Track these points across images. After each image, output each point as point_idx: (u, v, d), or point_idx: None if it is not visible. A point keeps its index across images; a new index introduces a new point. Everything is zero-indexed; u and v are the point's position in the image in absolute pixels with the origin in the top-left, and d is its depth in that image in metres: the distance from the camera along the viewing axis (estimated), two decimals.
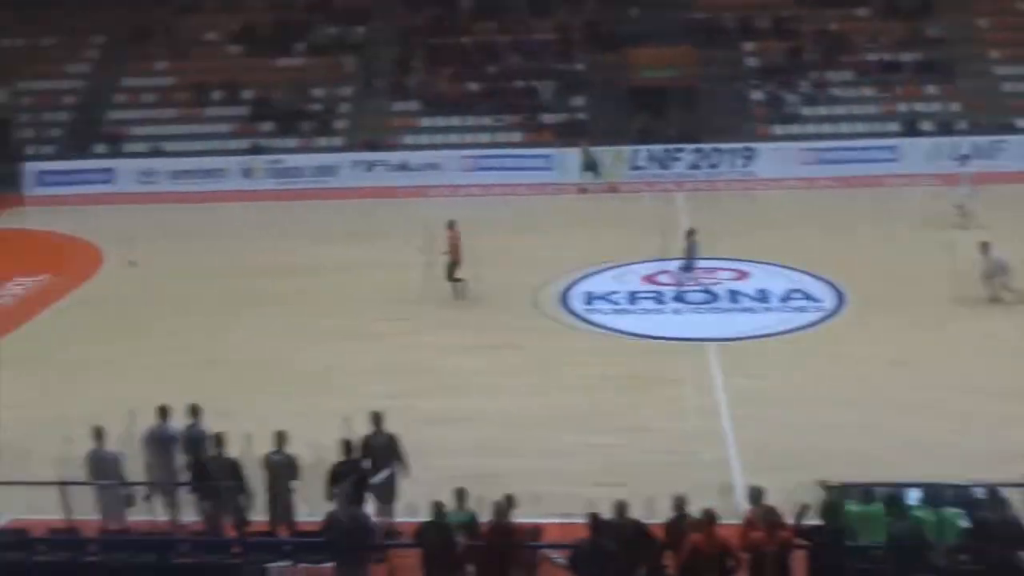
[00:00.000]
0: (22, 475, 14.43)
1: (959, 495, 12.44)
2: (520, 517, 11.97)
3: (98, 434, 13.75)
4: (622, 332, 21.47)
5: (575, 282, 24.20)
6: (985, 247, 21.70)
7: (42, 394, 19.26)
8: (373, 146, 36.21)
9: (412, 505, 13.40)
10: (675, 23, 38.51)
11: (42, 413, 18.12)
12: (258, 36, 39.91)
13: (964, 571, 11.38)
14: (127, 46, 40.79)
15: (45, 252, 29.43)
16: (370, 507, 13.36)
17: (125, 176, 36.01)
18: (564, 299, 23.30)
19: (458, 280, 23.28)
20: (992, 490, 11.84)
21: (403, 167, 35.42)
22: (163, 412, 14.20)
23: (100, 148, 37.40)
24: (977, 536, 11.49)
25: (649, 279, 24.34)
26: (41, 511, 13.56)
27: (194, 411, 14.21)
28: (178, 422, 14.26)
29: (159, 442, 14.03)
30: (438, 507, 11.85)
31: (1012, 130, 34.36)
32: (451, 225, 23.55)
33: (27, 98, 39.36)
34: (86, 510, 13.59)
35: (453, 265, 23.27)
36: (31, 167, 36.49)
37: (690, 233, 23.59)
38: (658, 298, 23.21)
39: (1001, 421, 16.63)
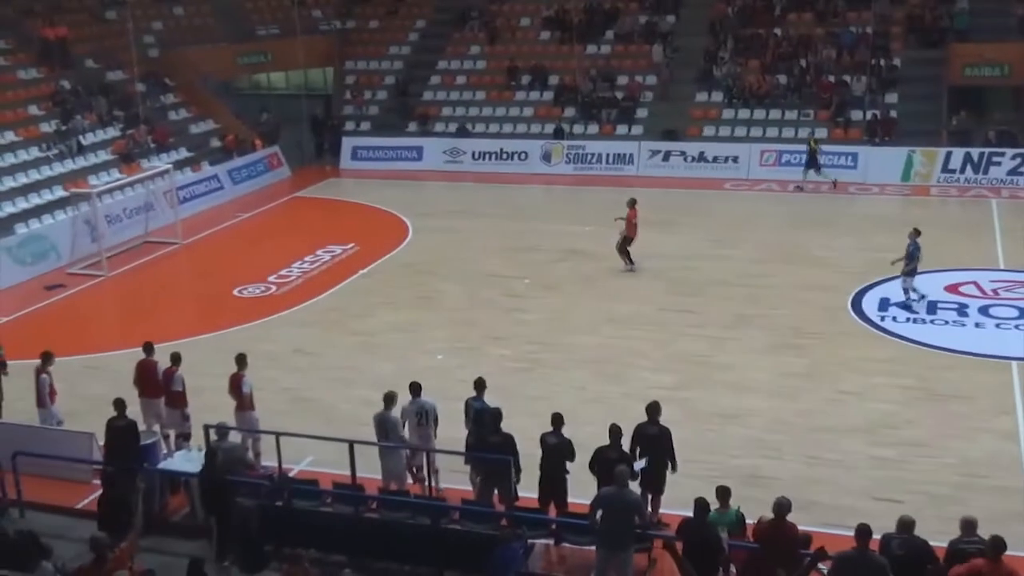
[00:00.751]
0: (322, 429, 15.63)
1: None
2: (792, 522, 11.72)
3: (388, 399, 14.56)
4: (916, 342, 20.41)
5: (870, 287, 23.26)
6: None
7: (343, 355, 20.66)
8: (673, 135, 36.13)
9: (680, 499, 13.38)
10: (1007, 18, 36.01)
11: (343, 374, 19.48)
12: (569, 23, 40.69)
13: None
14: (445, 30, 42.77)
15: (355, 221, 31.35)
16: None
17: (432, 154, 37.77)
18: (858, 304, 22.45)
19: (628, 255, 24.99)
20: None
21: (700, 158, 35.17)
22: (415, 389, 14.77)
23: (412, 126, 39.37)
24: None
25: (952, 289, 23.02)
26: (333, 465, 14.53)
27: (479, 385, 14.76)
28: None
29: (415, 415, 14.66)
30: (702, 503, 11.76)
31: None
32: (631, 204, 25.05)
33: (351, 76, 42.06)
34: (375, 469, 14.46)
35: (627, 240, 24.90)
36: (348, 142, 38.99)
37: (914, 233, 21.93)
38: (960, 310, 21.91)
39: None
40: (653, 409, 13.87)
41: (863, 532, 10.80)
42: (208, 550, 13.03)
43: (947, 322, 21.32)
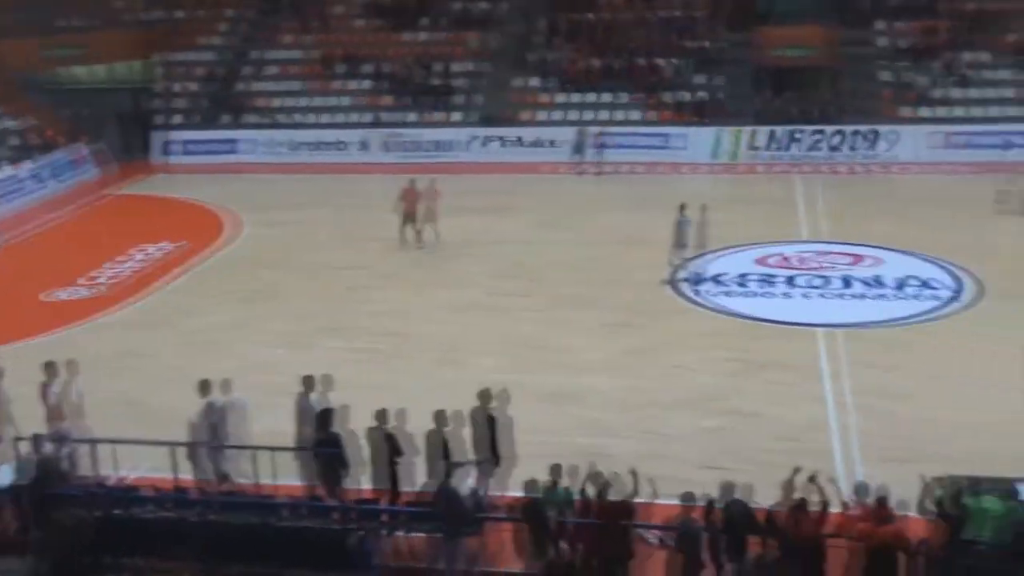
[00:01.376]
0: (147, 433, 15.07)
1: None
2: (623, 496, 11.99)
3: (203, 385, 14.21)
4: (732, 314, 21.26)
5: (696, 263, 23.99)
6: None
7: (169, 355, 20.03)
8: (493, 121, 36.40)
9: (515, 480, 13.50)
10: (818, 2, 37.67)
11: (166, 374, 18.89)
12: (385, 10, 40.44)
13: None
14: (258, 18, 41.90)
15: (169, 219, 30.45)
16: (469, 480, 13.54)
17: (249, 146, 37.02)
18: (688, 279, 23.11)
19: (406, 233, 25.60)
20: None
21: (525, 142, 35.55)
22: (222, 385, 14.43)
23: (226, 119, 38.45)
24: None
25: (775, 261, 24.01)
26: (167, 469, 14.03)
27: (307, 383, 14.51)
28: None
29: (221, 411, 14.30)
30: (533, 484, 11.98)
31: None
32: (411, 182, 25.73)
33: (161, 69, 40.72)
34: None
35: (407, 218, 25.56)
36: (159, 136, 37.81)
37: (681, 208, 22.98)
38: (775, 281, 22.87)
39: None
40: (483, 396, 13.97)
41: (687, 499, 11.38)
42: (29, 566, 12.46)
43: (772, 294, 22.23)
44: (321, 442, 13.58)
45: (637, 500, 11.84)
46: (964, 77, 35.00)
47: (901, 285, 22.27)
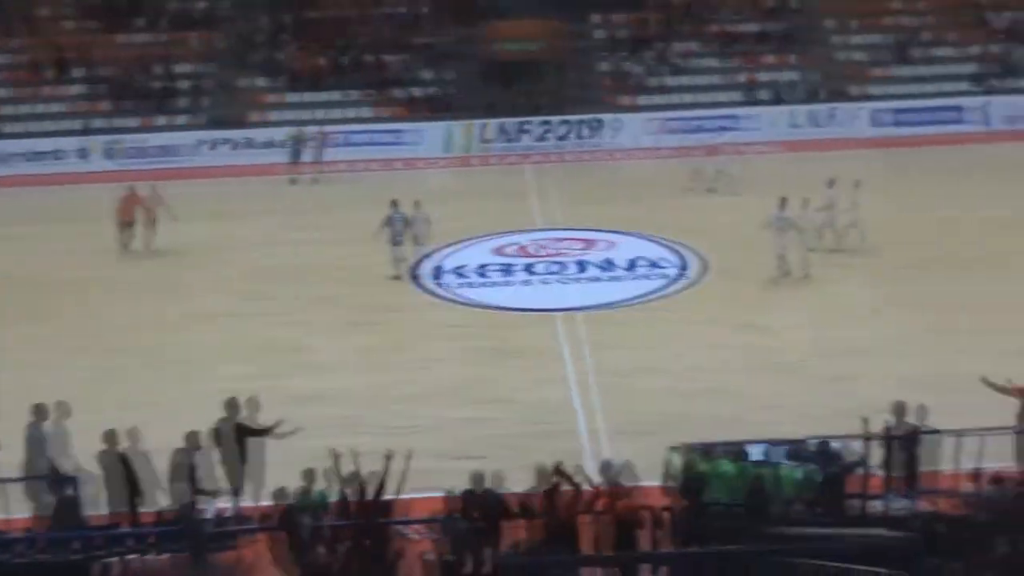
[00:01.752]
0: None
1: (799, 449, 12.85)
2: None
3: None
4: (474, 304, 21.68)
5: (440, 256, 24.19)
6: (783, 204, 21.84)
7: None
8: (221, 124, 35.42)
9: (271, 490, 13.18)
10: None
11: None
12: (97, 11, 38.54)
13: (816, 521, 11.81)
14: None
15: None
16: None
17: None
18: (429, 273, 23.25)
19: (125, 241, 24.93)
20: (828, 443, 12.37)
21: (251, 145, 34.75)
22: None
23: None
24: (828, 488, 11.95)
25: (513, 250, 24.51)
26: None
27: (38, 411, 13.65)
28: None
29: None
30: (283, 492, 11.77)
31: (858, 98, 35.53)
32: (130, 189, 25.31)
33: None
34: None
35: (125, 226, 24.91)
36: None
37: (393, 204, 22.99)
38: (515, 270, 23.37)
39: (849, 377, 17.31)
40: (230, 406, 13.60)
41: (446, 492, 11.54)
42: None
43: (512, 283, 22.74)
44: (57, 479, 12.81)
45: (396, 496, 11.81)
46: (676, 66, 36.83)
47: (632, 266, 23.22)
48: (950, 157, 31.71)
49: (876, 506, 12.25)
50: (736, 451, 12.22)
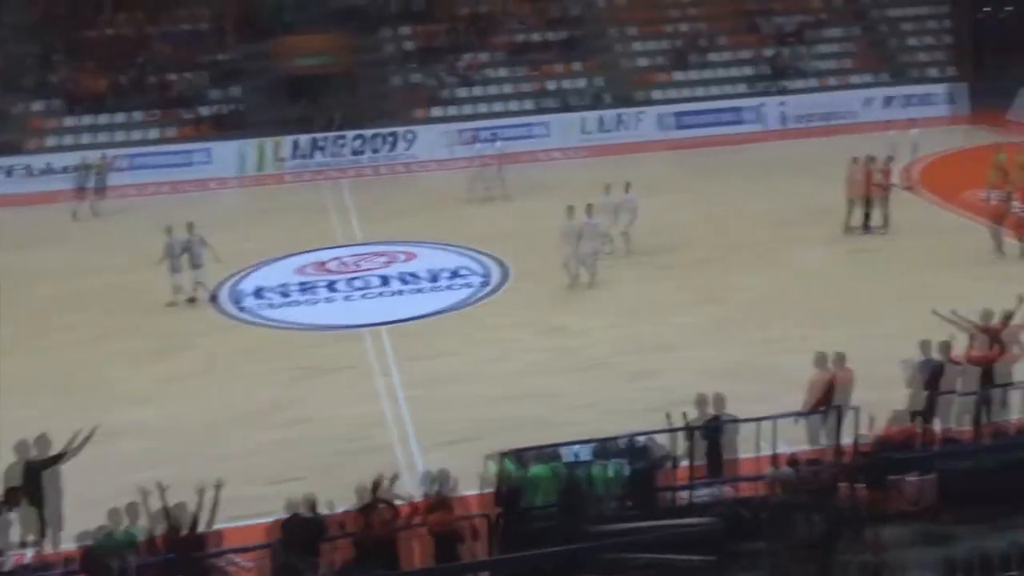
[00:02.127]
0: None
1: (613, 447, 13.24)
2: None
3: None
4: (288, 324, 21.29)
5: (239, 278, 23.70)
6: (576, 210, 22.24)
7: None
8: (6, 149, 33.71)
9: (72, 531, 12.64)
10: (327, 9, 38.34)
11: None
12: None
13: (629, 516, 12.18)
14: None
15: None
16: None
17: None
18: (228, 296, 22.77)
19: None
20: (640, 439, 12.79)
21: (31, 172, 33.22)
22: None
23: None
24: (639, 483, 12.33)
25: (314, 268, 24.24)
26: None
27: None
28: None
29: None
30: (86, 534, 11.32)
31: (640, 102, 36.75)
32: None
33: None
34: None
35: None
36: None
37: (168, 231, 22.42)
38: (322, 287, 23.13)
39: (652, 372, 17.92)
40: (20, 448, 13.02)
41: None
42: None
43: (316, 301, 22.44)
44: None
45: (209, 529, 11.52)
46: (467, 77, 37.22)
47: (435, 277, 23.32)
48: (731, 156, 33.19)
49: (685, 496, 12.71)
50: (550, 453, 12.46)
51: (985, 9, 39.87)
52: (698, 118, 36.26)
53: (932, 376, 14.74)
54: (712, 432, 13.47)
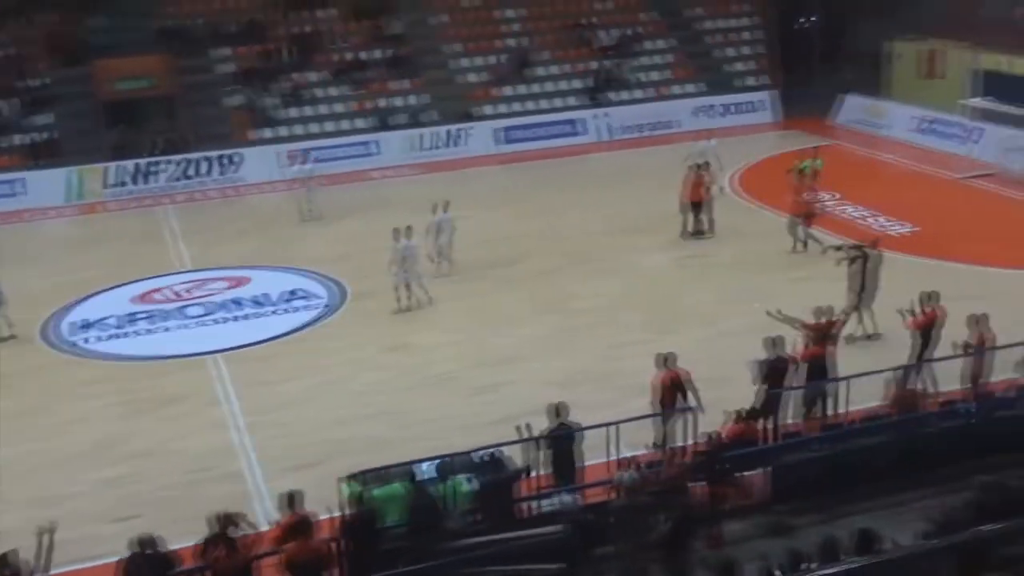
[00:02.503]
0: None
1: (466, 462, 13.33)
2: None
3: None
4: (120, 357, 20.61)
5: (65, 311, 22.82)
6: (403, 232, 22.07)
7: None
8: None
9: None
10: (143, 32, 37.27)
11: None
12: None
13: (481, 530, 12.26)
14: None
15: None
16: None
17: None
18: (54, 330, 21.90)
19: None
20: (493, 453, 12.89)
21: None
22: None
23: None
24: (488, 496, 12.43)
25: (146, 298, 23.53)
26: None
27: None
28: None
29: None
30: None
31: (472, 118, 37.06)
32: None
33: None
34: None
35: None
36: None
37: None
38: (155, 317, 22.46)
39: (500, 385, 18.09)
40: None
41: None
42: None
43: (148, 331, 21.77)
44: None
45: (47, 573, 11.06)
46: (300, 97, 36.81)
47: (271, 301, 22.94)
48: (562, 168, 33.74)
49: (540, 506, 12.88)
50: (405, 471, 12.44)
51: (802, 20, 41.69)
52: (527, 132, 36.73)
53: (771, 373, 15.35)
54: (559, 441, 13.68)
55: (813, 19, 41.33)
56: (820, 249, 22.34)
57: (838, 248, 20.22)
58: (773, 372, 15.37)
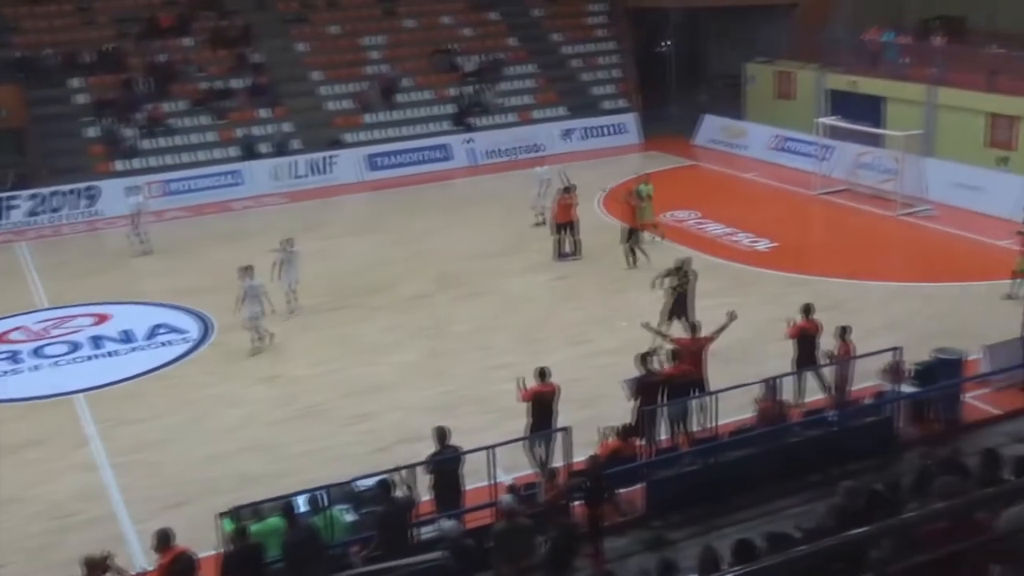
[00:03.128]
0: None
1: (345, 492, 13.18)
2: None
3: None
4: None
5: None
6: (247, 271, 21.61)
7: None
8: None
9: None
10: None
11: None
12: None
13: (374, 558, 12.14)
14: None
15: None
16: None
17: None
18: None
19: None
20: (380, 481, 12.78)
21: None
22: None
23: None
24: (382, 524, 12.31)
25: (0, 338, 22.65)
26: None
27: None
28: None
29: None
30: None
31: (340, 145, 36.79)
32: None
33: None
34: None
35: None
36: None
37: None
38: (13, 357, 21.62)
39: (372, 414, 17.95)
40: None
41: None
42: None
43: (5, 373, 20.93)
44: None
45: None
46: (167, 127, 35.95)
47: (133, 338, 22.31)
48: (428, 194, 33.73)
49: (426, 532, 12.80)
50: (284, 504, 12.22)
51: (665, 43, 42.65)
52: (394, 158, 36.64)
53: (643, 389, 15.59)
54: (438, 466, 13.63)
55: (668, 43, 42.35)
56: (626, 264, 23.98)
57: (667, 274, 20.43)
58: (644, 388, 15.62)
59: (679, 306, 19.81)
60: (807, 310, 17.38)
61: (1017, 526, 7.69)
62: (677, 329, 18.68)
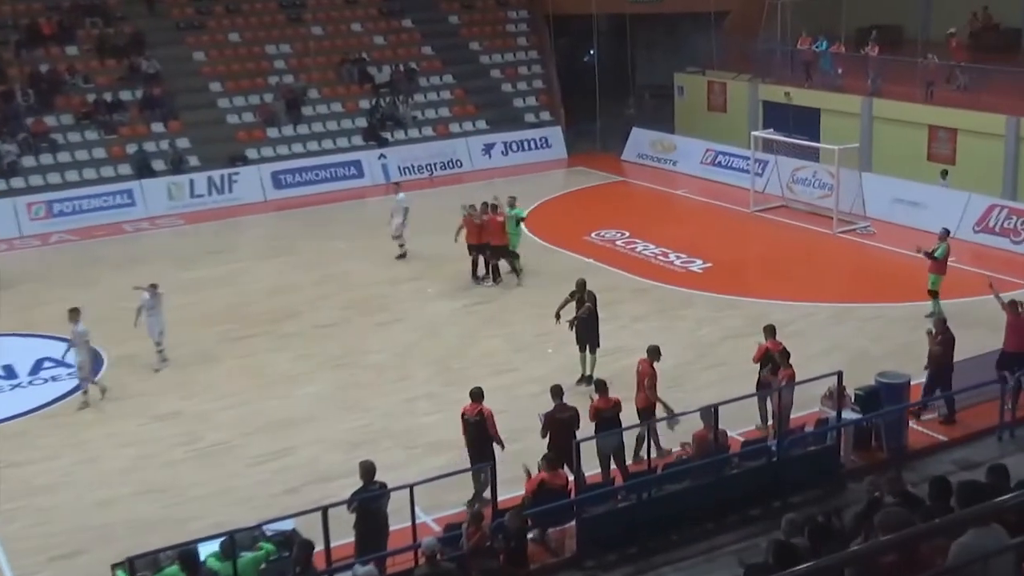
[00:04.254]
0: None
1: (254, 537, 13.02)
2: None
3: None
4: None
5: None
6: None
7: None
8: None
9: None
10: None
11: None
12: None
13: None
14: None
15: None
16: None
17: None
18: None
19: None
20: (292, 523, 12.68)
21: None
22: None
23: None
24: (293, 568, 12.19)
25: None
26: None
27: None
28: None
29: None
30: None
31: (242, 161, 36.38)
32: None
33: None
34: None
35: None
36: None
37: None
38: None
39: (282, 451, 17.76)
40: None
41: None
42: None
43: None
44: None
45: None
46: (52, 142, 35.25)
47: (14, 374, 21.87)
48: (338, 214, 33.54)
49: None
50: (186, 552, 12.01)
51: (591, 52, 43.02)
52: (301, 176, 36.38)
53: (553, 424, 15.53)
54: (363, 504, 13.51)
55: (593, 52, 42.76)
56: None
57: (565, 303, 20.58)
58: (552, 424, 15.51)
59: (586, 332, 19.82)
60: (771, 331, 17.62)
61: (967, 558, 7.87)
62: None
